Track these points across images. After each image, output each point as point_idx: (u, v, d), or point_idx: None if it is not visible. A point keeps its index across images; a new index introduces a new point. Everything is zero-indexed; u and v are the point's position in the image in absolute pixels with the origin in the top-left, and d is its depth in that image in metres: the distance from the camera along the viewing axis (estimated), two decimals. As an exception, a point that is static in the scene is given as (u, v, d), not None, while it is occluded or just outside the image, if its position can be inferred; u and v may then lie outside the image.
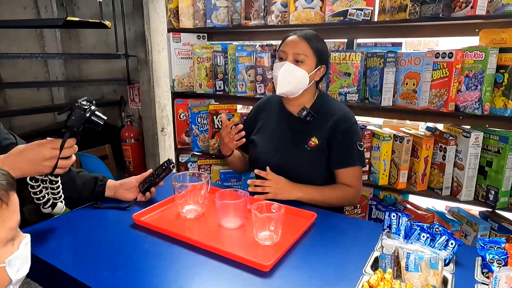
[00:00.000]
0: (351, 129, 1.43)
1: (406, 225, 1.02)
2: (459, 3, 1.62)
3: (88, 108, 0.98)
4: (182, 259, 0.98)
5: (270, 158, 1.44)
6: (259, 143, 1.51)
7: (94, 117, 1.00)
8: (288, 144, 1.45)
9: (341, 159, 1.42)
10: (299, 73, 1.39)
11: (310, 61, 1.40)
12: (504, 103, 1.57)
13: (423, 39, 1.86)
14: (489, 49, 1.55)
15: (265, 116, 1.57)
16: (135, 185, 1.32)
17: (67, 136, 0.96)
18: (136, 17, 2.49)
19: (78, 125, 0.98)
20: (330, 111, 1.46)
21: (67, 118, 0.97)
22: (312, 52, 1.39)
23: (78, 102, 0.99)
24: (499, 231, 1.69)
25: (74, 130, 0.98)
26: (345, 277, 0.90)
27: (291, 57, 1.40)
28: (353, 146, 1.42)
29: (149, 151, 2.72)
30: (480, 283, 0.87)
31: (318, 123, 1.44)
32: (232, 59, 2.21)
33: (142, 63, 2.55)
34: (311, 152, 1.41)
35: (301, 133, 1.45)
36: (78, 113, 0.97)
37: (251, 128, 1.59)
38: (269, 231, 1.06)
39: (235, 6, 2.15)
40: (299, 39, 1.40)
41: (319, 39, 1.45)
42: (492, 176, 1.65)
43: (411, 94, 1.77)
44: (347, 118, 1.45)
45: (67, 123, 0.97)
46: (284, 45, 1.44)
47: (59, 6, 2.98)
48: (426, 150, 1.78)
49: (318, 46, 1.42)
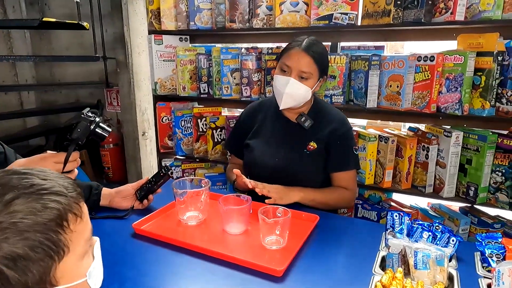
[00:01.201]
0: (348, 134, 1.47)
1: (408, 224, 1.06)
2: (439, 9, 1.69)
3: (93, 119, 0.94)
4: (192, 267, 0.97)
5: (268, 162, 1.44)
6: (256, 147, 1.51)
7: (99, 129, 0.96)
8: (286, 148, 1.46)
9: (339, 163, 1.45)
10: (304, 89, 1.39)
11: (314, 77, 1.40)
12: (481, 104, 1.66)
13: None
14: (467, 53, 1.64)
15: (260, 120, 1.56)
16: (132, 193, 1.29)
17: (72, 150, 0.92)
18: (115, 18, 2.41)
19: (83, 137, 0.94)
20: (327, 116, 1.49)
21: (72, 130, 0.92)
22: (317, 68, 1.38)
23: (84, 113, 0.94)
24: (479, 225, 1.78)
25: (79, 143, 0.94)
26: (357, 277, 0.92)
27: (295, 73, 1.37)
28: (350, 150, 1.46)
29: (129, 156, 2.65)
30: (483, 277, 0.92)
31: (316, 128, 1.46)
32: (216, 62, 2.20)
33: (122, 66, 2.48)
34: (310, 155, 1.43)
35: (299, 138, 1.46)
36: (84, 125, 0.93)
37: (245, 131, 1.58)
38: (276, 235, 1.06)
39: (219, 9, 2.14)
40: (304, 55, 1.35)
41: (321, 50, 1.42)
42: (472, 173, 1.74)
43: (395, 96, 1.83)
44: (344, 123, 1.49)
45: (72, 136, 0.92)
46: (287, 58, 1.39)
47: (28, 5, 2.83)
48: (410, 150, 1.85)
49: (322, 61, 1.40)
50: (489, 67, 1.61)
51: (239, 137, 1.60)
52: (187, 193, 1.18)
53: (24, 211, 0.52)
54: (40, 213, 0.53)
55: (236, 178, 1.38)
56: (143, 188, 1.27)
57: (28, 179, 0.56)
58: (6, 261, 0.50)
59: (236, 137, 1.63)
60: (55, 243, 0.54)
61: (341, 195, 1.45)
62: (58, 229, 0.54)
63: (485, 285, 0.89)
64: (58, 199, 0.56)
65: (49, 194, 0.55)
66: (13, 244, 0.50)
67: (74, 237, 0.57)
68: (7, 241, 0.50)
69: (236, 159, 1.67)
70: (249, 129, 1.57)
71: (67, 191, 0.58)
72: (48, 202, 0.54)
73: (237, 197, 1.17)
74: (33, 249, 0.51)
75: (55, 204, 0.55)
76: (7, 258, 0.50)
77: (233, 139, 1.69)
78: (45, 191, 0.55)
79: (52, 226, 0.54)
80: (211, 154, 2.34)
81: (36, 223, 0.52)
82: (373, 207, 2.02)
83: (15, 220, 0.51)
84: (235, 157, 1.68)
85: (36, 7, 2.82)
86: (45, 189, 0.55)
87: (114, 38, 2.48)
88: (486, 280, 0.90)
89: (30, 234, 0.52)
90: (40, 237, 0.52)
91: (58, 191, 0.56)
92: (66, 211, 0.56)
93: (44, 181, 0.56)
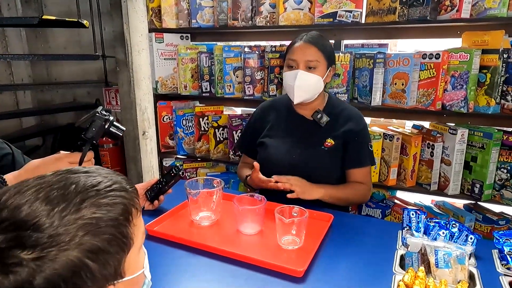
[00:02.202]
0: (364, 130, 1.47)
1: (424, 222, 1.06)
2: (444, 6, 1.69)
3: (108, 118, 0.92)
4: (211, 269, 0.95)
5: (284, 159, 1.43)
6: (271, 145, 1.49)
7: (113, 128, 0.94)
8: (302, 145, 1.45)
9: (356, 159, 1.45)
10: (314, 79, 1.38)
11: (322, 66, 1.40)
12: (487, 101, 1.67)
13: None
14: (473, 50, 1.64)
15: (273, 118, 1.55)
16: (141, 194, 1.26)
17: (87, 149, 0.90)
18: (114, 16, 2.38)
19: (98, 137, 0.92)
20: (343, 113, 1.48)
21: (86, 129, 0.90)
22: (323, 56, 1.39)
23: (98, 112, 0.92)
24: (484, 222, 1.80)
25: (94, 142, 0.91)
26: (378, 277, 0.92)
27: (302, 65, 1.38)
28: (366, 147, 1.46)
29: (129, 156, 2.61)
30: (503, 274, 0.92)
31: (332, 125, 1.45)
32: (219, 60, 2.18)
33: (121, 64, 2.44)
34: (327, 152, 1.42)
35: (315, 136, 1.45)
36: (99, 124, 0.91)
37: (257, 131, 1.56)
38: (292, 235, 1.05)
39: (222, 6, 2.12)
40: (308, 45, 1.38)
41: (325, 40, 1.45)
42: (477, 170, 1.75)
43: (400, 94, 1.83)
44: (361, 120, 1.49)
45: (87, 135, 0.90)
46: (292, 53, 1.41)
47: (24, 3, 2.77)
48: (414, 147, 1.85)
49: (326, 48, 1.42)
50: (494, 64, 1.62)
51: (251, 136, 1.59)
52: (199, 193, 1.17)
53: (97, 207, 0.55)
54: (110, 209, 0.56)
55: (252, 173, 1.37)
56: (154, 189, 1.24)
57: (93, 177, 0.58)
58: (90, 254, 0.52)
59: (248, 137, 1.62)
60: (125, 236, 0.58)
61: (359, 191, 1.45)
62: (126, 223, 0.58)
63: (507, 282, 0.89)
64: (122, 194, 0.59)
65: (114, 190, 0.58)
66: (94, 238, 0.53)
67: (136, 230, 0.61)
68: (89, 235, 0.53)
69: (247, 159, 1.66)
70: (261, 128, 1.56)
71: (128, 187, 0.61)
72: (115, 198, 0.57)
73: (251, 197, 1.15)
74: (110, 242, 0.55)
75: (121, 199, 0.58)
76: (91, 252, 0.52)
77: (245, 139, 1.68)
78: (110, 188, 0.58)
79: (122, 221, 0.57)
80: (213, 153, 2.32)
81: (109, 218, 0.55)
82: (378, 205, 2.02)
83: (91, 216, 0.54)
84: (247, 156, 1.66)
85: (32, 5, 2.77)
86: (109, 185, 0.58)
87: (114, 36, 2.44)
88: (507, 278, 0.90)
89: (106, 229, 0.55)
90: (115, 231, 0.56)
91: (121, 187, 0.60)
92: (130, 206, 0.59)
93: (106, 179, 0.59)
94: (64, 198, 0.54)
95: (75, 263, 0.51)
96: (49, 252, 0.50)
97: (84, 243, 0.52)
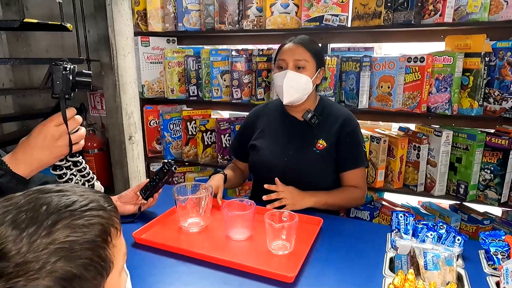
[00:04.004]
0: (356, 131, 1.47)
1: (413, 224, 1.07)
2: (428, 11, 1.73)
3: (65, 66, 0.82)
4: (202, 276, 0.94)
5: (276, 161, 1.42)
6: (262, 147, 1.49)
7: (80, 76, 0.84)
8: (295, 147, 1.45)
9: (349, 161, 1.44)
10: (303, 79, 1.39)
11: (311, 66, 1.41)
12: (470, 103, 1.71)
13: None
14: (456, 54, 1.68)
15: (265, 122, 1.55)
16: (133, 197, 1.25)
17: (64, 105, 0.82)
18: (98, 19, 2.34)
19: (68, 87, 0.82)
20: (334, 113, 1.48)
21: (52, 87, 0.81)
22: (311, 56, 1.40)
23: (54, 62, 0.83)
24: (469, 222, 1.83)
25: (67, 97, 0.83)
26: (368, 280, 0.92)
27: (291, 64, 1.39)
28: (359, 147, 1.46)
29: (115, 161, 2.58)
30: (490, 275, 0.93)
31: (323, 125, 1.45)
32: (206, 64, 2.17)
33: (106, 68, 2.41)
34: (320, 155, 1.42)
35: (307, 137, 1.45)
36: (60, 74, 0.81)
37: (249, 134, 1.56)
38: (282, 240, 1.05)
39: (208, 10, 2.11)
40: (297, 46, 1.40)
41: (314, 43, 1.47)
42: (462, 171, 1.78)
43: (386, 97, 1.85)
44: (352, 120, 1.48)
45: (55, 92, 0.81)
46: (282, 54, 1.43)
47: (4, 5, 2.71)
48: (401, 149, 1.87)
49: (316, 50, 1.44)
50: (476, 67, 1.66)
51: (243, 140, 1.59)
52: (188, 199, 1.15)
53: (72, 229, 0.50)
54: (86, 230, 0.51)
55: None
56: (148, 187, 1.23)
57: (67, 197, 0.54)
58: (64, 282, 0.48)
59: (240, 140, 1.62)
60: (104, 259, 0.53)
61: (352, 195, 1.45)
62: (104, 245, 0.54)
63: (494, 283, 0.90)
64: (100, 213, 0.54)
65: (90, 210, 0.54)
66: (68, 264, 0.49)
67: (116, 251, 0.56)
68: (62, 261, 0.48)
69: (239, 163, 1.65)
70: (253, 131, 1.56)
71: (106, 205, 0.56)
72: (91, 218, 0.53)
73: (241, 202, 1.14)
74: (86, 267, 0.50)
75: (98, 219, 0.54)
76: (64, 279, 0.48)
77: (236, 143, 1.68)
78: (86, 207, 0.53)
79: (100, 242, 0.53)
80: (201, 158, 2.30)
81: (85, 240, 0.51)
82: (365, 207, 2.04)
83: (64, 240, 0.49)
84: (238, 160, 1.66)
85: (13, 8, 2.70)
86: (85, 205, 0.54)
87: (98, 40, 2.40)
88: (494, 278, 0.91)
89: (82, 253, 0.50)
90: (91, 254, 0.51)
91: (98, 206, 0.55)
92: (108, 226, 0.55)
93: (82, 198, 0.55)
94: (34, 221, 0.49)
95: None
96: (16, 283, 0.45)
97: (56, 270, 0.48)
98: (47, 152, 0.84)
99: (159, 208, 1.28)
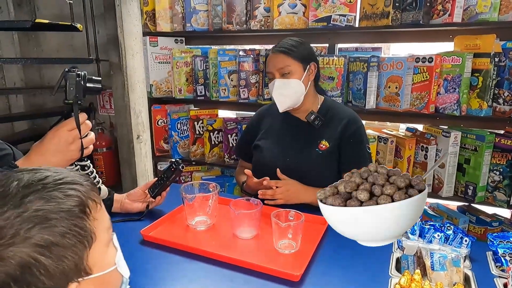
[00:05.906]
0: (360, 131, 1.46)
1: (420, 225, 1.06)
2: (437, 11, 1.72)
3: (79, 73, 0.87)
4: (208, 274, 0.95)
5: (278, 162, 1.43)
6: (265, 147, 1.50)
7: (91, 82, 0.89)
8: (297, 148, 1.45)
9: (353, 161, 1.43)
10: (292, 83, 1.40)
11: (296, 68, 1.40)
12: (479, 104, 1.69)
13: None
14: (465, 54, 1.67)
15: (269, 122, 1.56)
16: (141, 195, 1.26)
17: (77, 110, 0.86)
18: (108, 19, 2.37)
19: (80, 94, 0.87)
20: (338, 114, 1.48)
21: (65, 93, 0.85)
22: (293, 59, 1.39)
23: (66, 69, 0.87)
24: (477, 224, 1.81)
25: (79, 102, 0.87)
26: (374, 280, 0.92)
27: (277, 73, 1.41)
28: (362, 148, 1.45)
29: (124, 160, 2.60)
30: (498, 276, 0.93)
31: (326, 126, 1.45)
32: (214, 64, 2.18)
33: (115, 68, 2.44)
34: (322, 155, 1.42)
35: (310, 137, 1.45)
36: (73, 81, 0.86)
37: (254, 134, 1.57)
38: (288, 239, 1.05)
39: (216, 10, 2.12)
40: (275, 55, 1.42)
41: (291, 41, 1.43)
42: (470, 172, 1.77)
43: (394, 97, 1.85)
44: (356, 120, 1.47)
45: (69, 98, 0.85)
46: (267, 66, 1.46)
47: (16, 6, 2.75)
48: (409, 150, 1.86)
49: (295, 50, 1.40)
50: (486, 68, 1.64)
51: (247, 140, 1.60)
52: (195, 197, 1.16)
53: (46, 200, 0.51)
54: (62, 201, 0.52)
55: (247, 179, 1.38)
56: (156, 185, 1.24)
57: (41, 173, 0.55)
58: (40, 249, 0.49)
59: (245, 141, 1.63)
60: (82, 229, 0.54)
61: None
62: (83, 216, 0.54)
63: (502, 284, 0.89)
64: (76, 187, 0.55)
65: (65, 183, 0.55)
66: (44, 231, 0.49)
67: (97, 224, 0.57)
68: (36, 228, 0.49)
69: (244, 163, 1.66)
70: (257, 132, 1.57)
71: (82, 180, 0.57)
72: (67, 190, 0.54)
73: (247, 201, 1.15)
74: (64, 235, 0.51)
75: (74, 191, 0.54)
76: (41, 246, 0.49)
77: (241, 143, 1.69)
78: (61, 181, 0.54)
79: (77, 213, 0.53)
80: (208, 157, 2.31)
81: (60, 210, 0.51)
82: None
83: (37, 208, 0.50)
84: (244, 161, 1.67)
85: (25, 8, 2.74)
86: (60, 179, 0.55)
87: (107, 40, 2.43)
88: (502, 280, 0.91)
89: (57, 222, 0.51)
90: (68, 223, 0.52)
91: (74, 181, 0.56)
92: (86, 198, 0.55)
93: (56, 173, 0.55)
94: (4, 194, 0.50)
95: (24, 259, 0.47)
96: None
97: (31, 236, 0.48)
98: (60, 156, 0.86)
99: (167, 206, 1.29)
